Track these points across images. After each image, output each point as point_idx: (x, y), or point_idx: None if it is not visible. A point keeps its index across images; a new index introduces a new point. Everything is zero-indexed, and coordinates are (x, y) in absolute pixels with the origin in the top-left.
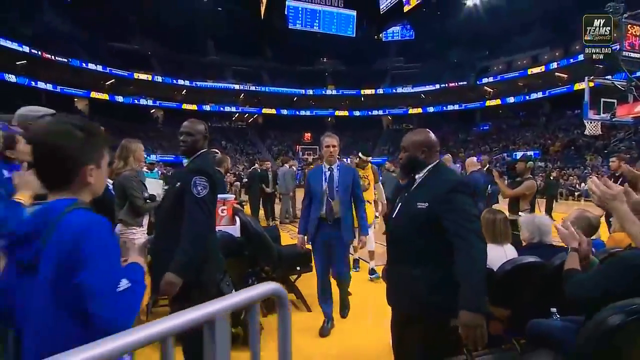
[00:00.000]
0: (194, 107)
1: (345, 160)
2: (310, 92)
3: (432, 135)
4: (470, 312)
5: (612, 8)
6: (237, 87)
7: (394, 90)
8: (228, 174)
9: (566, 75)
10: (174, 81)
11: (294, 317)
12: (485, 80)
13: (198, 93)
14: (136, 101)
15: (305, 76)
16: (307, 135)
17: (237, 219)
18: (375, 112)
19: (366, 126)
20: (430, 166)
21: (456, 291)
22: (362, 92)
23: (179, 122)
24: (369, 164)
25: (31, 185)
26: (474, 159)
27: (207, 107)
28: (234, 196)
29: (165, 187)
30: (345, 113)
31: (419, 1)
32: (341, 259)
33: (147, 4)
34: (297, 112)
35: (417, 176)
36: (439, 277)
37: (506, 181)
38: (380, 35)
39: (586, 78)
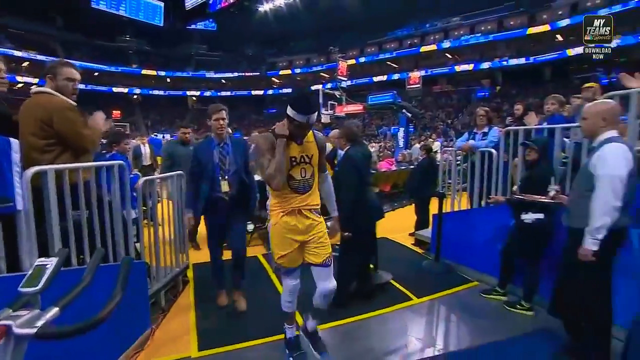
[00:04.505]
0: None
1: (159, 135)
2: (114, 68)
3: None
4: None
5: (332, 50)
6: (18, 54)
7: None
8: None
9: (328, 76)
10: None
11: None
12: (272, 73)
13: None
14: None
15: (107, 52)
16: (116, 112)
17: None
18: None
19: (172, 105)
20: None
21: None
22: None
23: None
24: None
25: None
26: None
27: None
28: None
29: None
30: (160, 92)
31: (220, 5)
32: None
33: None
34: (100, 89)
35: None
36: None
37: None
38: None
39: (320, 87)
